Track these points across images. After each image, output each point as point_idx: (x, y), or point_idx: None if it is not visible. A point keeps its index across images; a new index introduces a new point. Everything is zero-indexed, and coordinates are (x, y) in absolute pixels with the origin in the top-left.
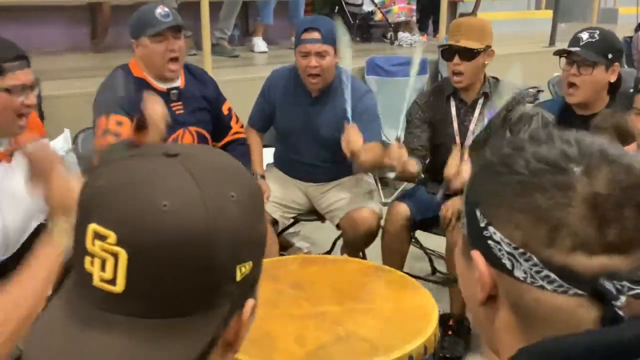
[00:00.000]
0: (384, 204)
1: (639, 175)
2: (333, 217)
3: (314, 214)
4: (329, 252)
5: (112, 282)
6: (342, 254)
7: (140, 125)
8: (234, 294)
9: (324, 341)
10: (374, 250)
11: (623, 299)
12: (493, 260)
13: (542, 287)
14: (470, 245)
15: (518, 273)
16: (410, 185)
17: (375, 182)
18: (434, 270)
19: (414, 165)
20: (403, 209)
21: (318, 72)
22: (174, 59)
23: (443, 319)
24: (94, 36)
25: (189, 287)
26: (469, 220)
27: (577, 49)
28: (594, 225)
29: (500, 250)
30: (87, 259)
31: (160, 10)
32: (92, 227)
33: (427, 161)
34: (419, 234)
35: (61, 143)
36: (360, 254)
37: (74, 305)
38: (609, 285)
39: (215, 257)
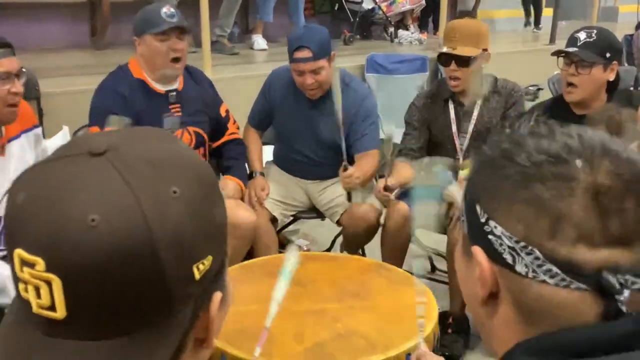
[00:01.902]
0: None
1: None
2: (333, 214)
3: (313, 211)
4: (328, 250)
5: (52, 308)
6: (341, 251)
7: None
8: (196, 293)
9: (322, 338)
10: (375, 249)
11: (627, 293)
12: (494, 255)
13: (543, 281)
14: (471, 242)
15: (519, 268)
16: (410, 184)
17: (375, 179)
18: (434, 269)
19: (408, 172)
20: (403, 207)
21: (315, 87)
22: (176, 59)
23: (442, 317)
24: (93, 33)
25: (140, 302)
26: (469, 216)
27: (575, 49)
28: (596, 216)
29: (501, 245)
30: (21, 286)
31: (166, 10)
32: (18, 253)
33: None
34: (420, 232)
35: (60, 140)
36: (360, 251)
37: (19, 333)
38: (612, 279)
39: (163, 266)
